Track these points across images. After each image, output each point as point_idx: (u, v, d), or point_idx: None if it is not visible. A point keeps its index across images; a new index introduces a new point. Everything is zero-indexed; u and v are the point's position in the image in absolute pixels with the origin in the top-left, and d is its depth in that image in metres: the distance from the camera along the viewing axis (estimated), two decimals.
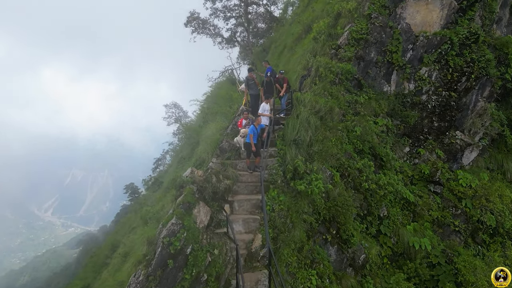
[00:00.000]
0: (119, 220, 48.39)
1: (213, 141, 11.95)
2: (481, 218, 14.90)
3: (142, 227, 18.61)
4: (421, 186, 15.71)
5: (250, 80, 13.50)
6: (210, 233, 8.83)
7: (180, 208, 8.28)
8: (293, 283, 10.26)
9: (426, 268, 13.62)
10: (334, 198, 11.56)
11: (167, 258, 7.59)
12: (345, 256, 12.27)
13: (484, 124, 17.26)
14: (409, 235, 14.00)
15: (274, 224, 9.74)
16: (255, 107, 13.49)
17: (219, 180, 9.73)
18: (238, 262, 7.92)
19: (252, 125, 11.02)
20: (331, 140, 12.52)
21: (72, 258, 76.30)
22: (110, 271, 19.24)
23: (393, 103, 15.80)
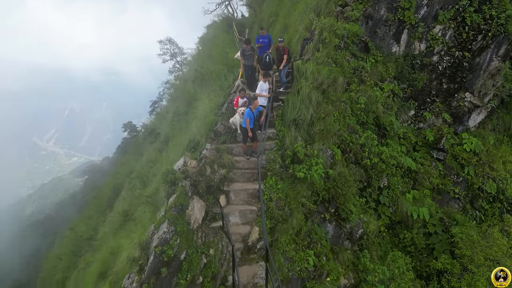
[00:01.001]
0: (119, 160, 48.80)
1: (207, 123, 11.19)
2: (482, 186, 14.69)
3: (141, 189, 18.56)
4: (423, 152, 15.25)
5: (247, 51, 12.33)
6: (205, 229, 8.56)
7: (172, 211, 7.89)
8: (291, 267, 10.29)
9: (423, 238, 13.72)
10: (334, 178, 11.15)
11: (160, 266, 7.38)
12: (342, 232, 12.24)
13: (495, 84, 16.30)
14: (408, 205, 13.87)
15: (271, 214, 9.45)
16: (251, 79, 12.50)
17: (214, 171, 9.23)
18: (234, 263, 7.74)
19: (248, 108, 10.19)
20: (333, 114, 11.77)
21: (79, 186, 78.32)
22: (110, 229, 19.60)
23: (401, 65, 14.72)
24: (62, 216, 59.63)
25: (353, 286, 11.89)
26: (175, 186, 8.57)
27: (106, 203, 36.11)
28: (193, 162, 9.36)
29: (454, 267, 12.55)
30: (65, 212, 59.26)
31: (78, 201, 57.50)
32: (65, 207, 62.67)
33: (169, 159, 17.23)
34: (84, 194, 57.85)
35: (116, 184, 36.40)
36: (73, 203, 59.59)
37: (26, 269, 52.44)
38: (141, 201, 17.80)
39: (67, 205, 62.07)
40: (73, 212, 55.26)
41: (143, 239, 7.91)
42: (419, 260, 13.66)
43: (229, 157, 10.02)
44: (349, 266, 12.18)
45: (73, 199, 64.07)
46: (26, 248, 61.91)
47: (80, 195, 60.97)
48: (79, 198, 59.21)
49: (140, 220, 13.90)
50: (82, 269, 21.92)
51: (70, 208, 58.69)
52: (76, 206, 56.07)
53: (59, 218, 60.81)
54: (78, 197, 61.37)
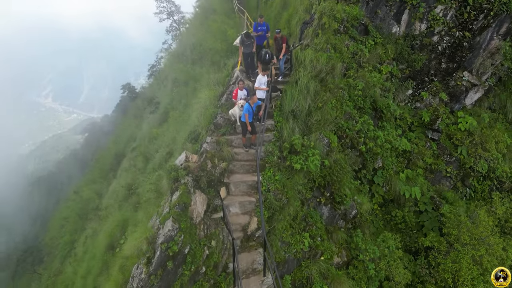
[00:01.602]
0: (119, 121, 48.98)
1: (208, 115, 11.41)
2: (474, 166, 15.20)
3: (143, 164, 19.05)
4: (419, 132, 15.62)
5: (246, 41, 12.24)
6: (207, 220, 9.14)
7: (176, 209, 8.41)
8: (287, 249, 11.02)
9: (413, 216, 14.44)
10: (330, 165, 11.60)
11: (166, 260, 8.02)
12: (337, 213, 12.88)
13: (494, 63, 16.32)
14: (400, 184, 14.44)
15: (269, 205, 10.00)
16: (251, 66, 12.50)
17: (214, 165, 9.65)
18: (235, 253, 8.39)
19: (247, 103, 10.39)
20: (331, 102, 12.00)
21: (79, 143, 78.96)
22: (115, 201, 20.33)
23: (401, 46, 14.69)
24: (64, 173, 60.66)
25: (345, 263, 12.75)
26: (178, 183, 9.03)
27: (109, 168, 36.93)
28: (194, 157, 9.75)
29: (441, 245, 13.37)
30: (67, 170, 60.25)
31: (80, 159, 58.38)
32: (67, 165, 63.56)
33: (169, 135, 17.59)
34: (85, 152, 58.69)
35: (118, 151, 36.99)
36: (75, 160, 60.46)
37: (33, 230, 54.24)
38: (144, 178, 18.42)
39: (69, 163, 62.99)
40: (75, 171, 56.31)
41: (150, 234, 8.49)
42: (409, 236, 14.47)
43: (228, 150, 10.39)
44: (342, 245, 12.96)
45: (75, 156, 64.78)
46: (34, 208, 63.76)
47: (81, 153, 61.70)
48: (80, 156, 60.00)
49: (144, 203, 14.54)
50: (90, 236, 22.98)
51: (72, 165, 59.62)
52: (78, 164, 56.97)
53: (61, 175, 61.82)
54: (79, 155, 62.07)
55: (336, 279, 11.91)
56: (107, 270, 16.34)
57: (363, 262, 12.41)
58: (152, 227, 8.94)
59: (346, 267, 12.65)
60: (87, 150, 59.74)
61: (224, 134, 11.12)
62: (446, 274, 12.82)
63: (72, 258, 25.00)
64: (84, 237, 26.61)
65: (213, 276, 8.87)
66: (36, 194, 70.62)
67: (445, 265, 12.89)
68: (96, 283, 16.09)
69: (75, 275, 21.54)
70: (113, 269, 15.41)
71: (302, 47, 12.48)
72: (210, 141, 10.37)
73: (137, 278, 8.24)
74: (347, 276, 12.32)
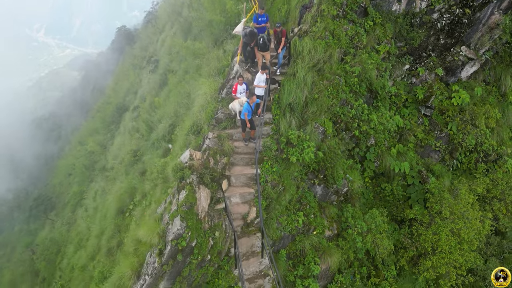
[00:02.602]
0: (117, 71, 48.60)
1: (209, 110, 11.90)
2: (462, 142, 16.00)
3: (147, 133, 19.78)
4: (412, 108, 16.17)
5: (247, 36, 12.24)
6: (210, 212, 10.19)
7: (183, 208, 9.38)
8: (283, 228, 12.24)
9: (401, 189, 15.56)
10: (324, 152, 12.41)
11: (176, 253, 9.18)
12: (330, 191, 13.97)
13: (493, 37, 16.40)
14: (391, 160, 15.38)
15: (267, 195, 10.99)
16: (250, 55, 12.64)
17: (216, 162, 10.44)
18: (236, 243, 9.58)
19: (247, 102, 10.86)
20: (327, 89, 12.47)
21: (76, 81, 78.62)
22: (122, 166, 21.37)
23: (400, 25, 14.70)
24: (64, 113, 61.48)
25: (335, 235, 14.10)
26: (184, 182, 9.91)
27: (110, 120, 37.72)
28: (197, 154, 10.50)
29: (424, 217, 14.65)
30: (67, 109, 61.03)
31: (79, 99, 58.90)
32: (66, 104, 64.00)
33: (171, 107, 18.12)
34: (84, 91, 59.13)
35: (118, 103, 37.50)
36: (74, 99, 60.87)
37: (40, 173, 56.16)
38: (148, 145, 19.28)
39: (68, 102, 63.44)
40: (75, 111, 57.37)
41: (160, 228, 9.58)
42: (396, 207, 15.74)
43: (229, 144, 11.12)
44: (333, 218, 14.23)
45: (73, 95, 64.88)
46: (38, 148, 65.52)
47: (80, 92, 61.80)
48: (79, 96, 60.40)
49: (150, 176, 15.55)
50: (99, 195, 24.45)
51: (72, 105, 60.31)
52: (77, 104, 57.76)
53: (62, 115, 62.72)
54: (78, 94, 62.24)
55: (327, 251, 13.35)
56: (119, 234, 17.86)
57: (352, 235, 13.74)
58: (162, 220, 10.01)
59: (337, 239, 14.02)
60: (86, 89, 60.06)
61: (225, 128, 11.76)
62: (426, 244, 14.26)
63: (83, 212, 26.69)
64: (94, 192, 28.15)
65: (217, 261, 10.14)
66: (39, 134, 72.07)
67: (426, 236, 14.28)
68: (109, 244, 17.67)
69: (89, 230, 23.27)
70: (124, 234, 16.96)
71: (301, 33, 12.61)
72: (212, 136, 11.06)
73: (151, 266, 9.48)
74: (337, 247, 13.75)
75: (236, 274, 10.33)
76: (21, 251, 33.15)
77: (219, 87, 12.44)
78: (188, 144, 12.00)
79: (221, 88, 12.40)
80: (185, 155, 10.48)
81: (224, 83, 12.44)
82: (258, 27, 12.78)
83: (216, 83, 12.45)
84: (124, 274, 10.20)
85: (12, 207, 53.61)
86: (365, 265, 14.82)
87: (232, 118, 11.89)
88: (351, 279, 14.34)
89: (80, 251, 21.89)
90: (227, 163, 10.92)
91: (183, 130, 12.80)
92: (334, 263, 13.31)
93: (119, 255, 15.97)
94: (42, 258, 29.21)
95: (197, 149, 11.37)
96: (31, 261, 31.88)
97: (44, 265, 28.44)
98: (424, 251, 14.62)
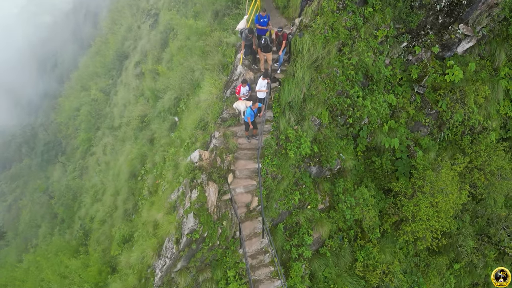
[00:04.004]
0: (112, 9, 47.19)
1: (215, 111, 12.78)
2: (450, 120, 17.11)
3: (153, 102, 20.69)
4: (406, 87, 16.99)
5: (249, 37, 12.53)
6: (218, 203, 11.79)
7: (195, 206, 10.94)
8: (280, 207, 13.96)
9: (389, 163, 17.04)
10: (319, 141, 13.66)
11: (191, 243, 10.95)
12: (324, 169, 15.46)
13: (491, 15, 16.63)
14: (382, 136, 16.67)
15: (267, 185, 12.49)
16: (253, 52, 13.07)
17: (223, 160, 11.74)
18: (241, 231, 11.35)
19: (249, 107, 11.74)
20: (324, 82, 13.32)
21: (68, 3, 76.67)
22: (131, 129, 22.57)
23: (399, 8, 14.94)
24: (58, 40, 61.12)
25: (328, 207, 15.91)
26: (195, 181, 11.36)
27: (111, 67, 38.05)
28: (206, 154, 11.75)
29: (407, 190, 16.36)
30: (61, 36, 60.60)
31: (72, 28, 58.18)
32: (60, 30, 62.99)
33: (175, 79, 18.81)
34: (76, 18, 58.21)
35: (118, 50, 37.53)
36: (67, 30, 59.92)
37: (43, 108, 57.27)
38: (155, 114, 20.36)
39: (62, 28, 62.44)
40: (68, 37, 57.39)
41: (176, 221, 11.26)
42: (384, 177, 17.40)
43: (234, 142, 12.31)
44: (326, 192, 15.92)
45: (67, 22, 63.56)
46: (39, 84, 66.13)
47: (73, 18, 60.54)
48: (72, 23, 59.44)
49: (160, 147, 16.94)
50: (110, 151, 26.00)
51: (65, 31, 59.73)
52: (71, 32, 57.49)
53: (56, 42, 62.37)
54: (71, 20, 60.99)
55: (319, 222, 15.26)
56: (133, 197, 19.75)
57: (342, 208, 15.55)
58: (176, 212, 11.66)
59: (329, 211, 15.85)
60: (78, 15, 58.91)
61: (230, 125, 12.82)
62: (407, 213, 16.18)
63: (96, 165, 28.50)
64: (103, 145, 29.71)
65: (225, 244, 12.00)
66: (34, 64, 72.06)
67: (408, 206, 16.11)
68: (125, 206, 19.65)
69: (103, 185, 25.25)
70: (138, 197, 18.79)
71: (302, 26, 13.05)
72: (218, 136, 12.22)
73: (170, 251, 11.35)
74: (328, 218, 15.65)
75: (240, 253, 12.26)
76: (38, 195, 35.57)
77: (223, 85, 13.23)
78: (196, 139, 13.20)
79: (225, 87, 13.20)
80: (194, 155, 11.78)
81: (228, 83, 13.20)
82: (260, 28, 13.13)
83: (221, 81, 13.21)
84: (146, 253, 12.14)
85: (20, 143, 55.71)
86: (353, 229, 16.86)
87: (236, 116, 12.91)
88: (340, 242, 16.47)
89: (97, 204, 24.03)
90: (232, 159, 12.24)
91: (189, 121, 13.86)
92: (325, 232, 15.29)
93: (136, 219, 18.03)
94: (60, 203, 31.64)
95: (205, 146, 12.63)
96: (49, 205, 34.53)
97: (62, 210, 30.93)
98: (405, 218, 16.57)
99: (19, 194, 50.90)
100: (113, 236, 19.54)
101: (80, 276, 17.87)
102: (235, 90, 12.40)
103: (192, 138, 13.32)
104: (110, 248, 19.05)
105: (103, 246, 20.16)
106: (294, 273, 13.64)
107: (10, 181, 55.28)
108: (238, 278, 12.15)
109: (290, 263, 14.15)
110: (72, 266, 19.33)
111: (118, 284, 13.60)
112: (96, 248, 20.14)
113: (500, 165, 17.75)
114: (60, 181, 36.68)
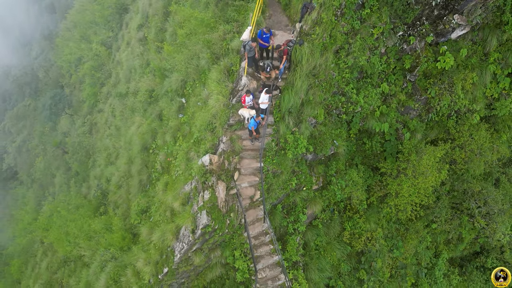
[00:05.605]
0: None
1: (222, 119, 14.07)
2: (437, 106, 18.49)
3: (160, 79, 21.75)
4: (399, 75, 18.09)
5: (252, 48, 13.22)
6: (227, 198, 13.79)
7: (208, 205, 12.93)
8: (279, 192, 16.01)
9: (379, 145, 18.79)
10: (315, 137, 15.29)
11: (204, 234, 13.15)
12: (319, 156, 17.26)
13: (486, 5, 17.20)
14: (373, 121, 18.20)
15: (268, 180, 14.39)
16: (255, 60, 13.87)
17: (230, 162, 13.45)
18: (246, 222, 13.55)
19: (253, 118, 13.07)
20: (321, 85, 14.59)
21: None
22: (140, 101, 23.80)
23: (396, 6, 15.56)
24: None
25: (321, 188, 17.98)
26: (207, 183, 13.22)
27: (111, 19, 38.02)
28: (215, 158, 13.43)
29: (393, 171, 18.33)
30: None
31: None
32: None
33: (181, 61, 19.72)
34: None
35: (117, 3, 37.25)
36: None
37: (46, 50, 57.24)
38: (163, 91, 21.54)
39: None
40: None
41: (191, 215, 13.35)
42: (373, 156, 19.29)
43: (239, 144, 13.90)
44: (320, 173, 17.88)
45: None
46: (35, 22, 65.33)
47: None
48: None
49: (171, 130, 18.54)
50: (119, 118, 27.41)
51: None
52: None
53: None
54: None
55: (313, 200, 17.45)
56: (147, 168, 21.70)
57: (333, 189, 17.64)
58: (191, 205, 13.71)
59: (322, 190, 17.95)
60: None
61: (235, 130, 14.25)
62: (391, 191, 18.35)
63: (106, 129, 30.08)
64: (110, 107, 31.03)
65: (232, 230, 14.25)
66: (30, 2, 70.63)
67: (392, 185, 18.23)
68: (140, 176, 21.71)
69: (115, 148, 27.08)
70: (151, 169, 20.74)
71: (302, 33, 13.91)
72: (225, 140, 13.79)
73: (187, 238, 13.62)
74: (321, 196, 17.81)
75: (245, 236, 14.57)
76: (52, 149, 37.54)
77: (229, 92, 14.40)
78: (205, 137, 14.74)
79: (231, 95, 14.38)
80: (205, 159, 13.51)
81: (234, 91, 14.34)
82: (263, 43, 13.86)
83: (227, 88, 14.36)
84: (166, 237, 14.46)
85: (21, 84, 56.58)
86: (343, 202, 19.13)
87: (241, 122, 14.31)
88: (331, 214, 18.84)
89: (111, 167, 26.09)
90: (238, 159, 13.97)
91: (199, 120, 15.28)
92: (318, 209, 17.56)
93: (150, 190, 20.17)
94: (74, 159, 33.78)
95: (214, 148, 14.28)
96: (63, 158, 36.71)
97: (77, 165, 33.19)
98: (389, 194, 18.77)
99: (26, 135, 53.06)
100: (130, 201, 21.84)
101: (105, 239, 20.45)
102: (240, 99, 13.66)
103: (202, 135, 14.89)
104: (129, 213, 21.46)
105: (122, 209, 22.58)
106: (290, 247, 16.12)
107: (16, 120, 57.10)
108: (243, 255, 14.62)
109: (286, 237, 16.59)
110: (95, 226, 21.86)
111: (142, 254, 16.12)
112: (116, 212, 22.57)
113: (481, 143, 19.48)
114: (69, 132, 38.20)
